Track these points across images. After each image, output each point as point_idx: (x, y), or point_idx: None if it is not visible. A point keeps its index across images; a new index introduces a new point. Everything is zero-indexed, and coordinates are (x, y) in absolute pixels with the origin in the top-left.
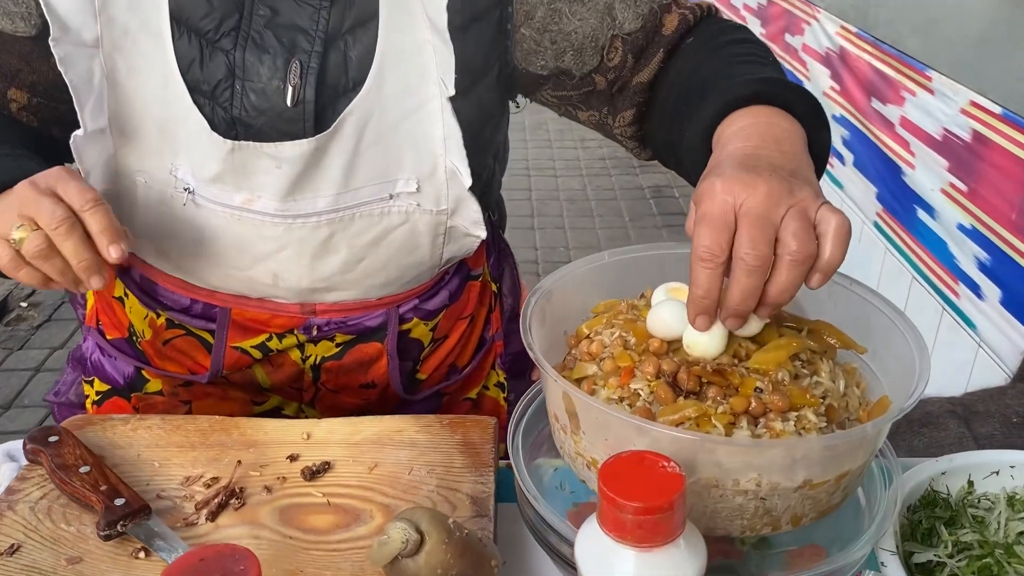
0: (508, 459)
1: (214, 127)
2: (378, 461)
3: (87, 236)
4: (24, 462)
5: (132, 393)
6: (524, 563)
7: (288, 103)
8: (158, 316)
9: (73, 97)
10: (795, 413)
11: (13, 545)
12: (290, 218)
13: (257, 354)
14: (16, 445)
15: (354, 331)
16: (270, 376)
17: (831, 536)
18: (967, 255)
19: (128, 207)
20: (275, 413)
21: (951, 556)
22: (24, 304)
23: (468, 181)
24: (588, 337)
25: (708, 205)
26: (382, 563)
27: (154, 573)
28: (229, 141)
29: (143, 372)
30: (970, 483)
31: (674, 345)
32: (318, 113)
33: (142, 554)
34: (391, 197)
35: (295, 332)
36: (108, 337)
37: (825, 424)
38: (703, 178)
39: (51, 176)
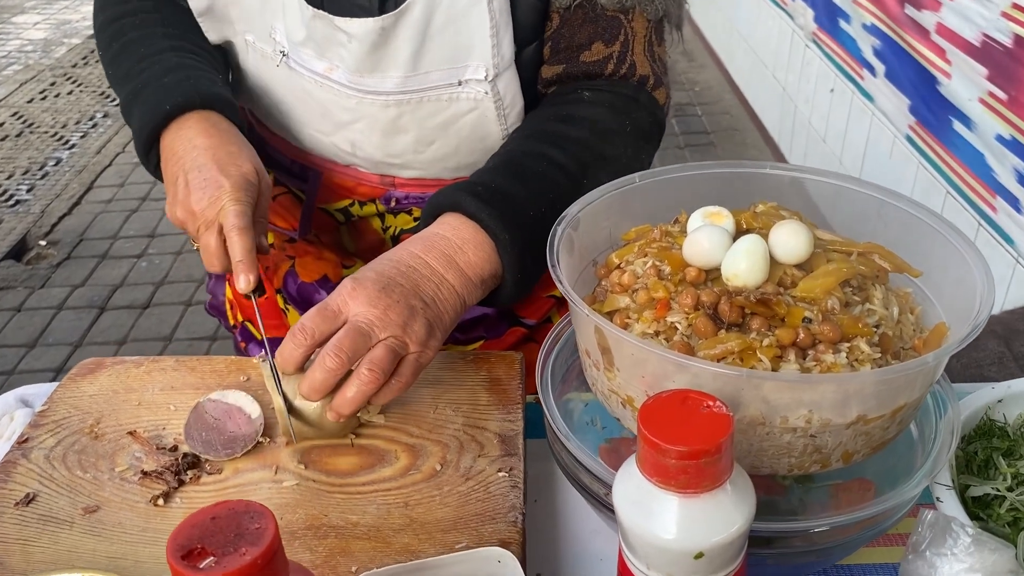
0: (537, 393)
1: None
2: (402, 400)
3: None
4: (37, 407)
5: None
6: (555, 501)
7: None
8: (268, 172)
9: None
10: (847, 344)
11: (29, 495)
12: (361, 93)
13: (340, 217)
14: (30, 390)
15: None
16: (355, 241)
17: (880, 469)
18: (1006, 167)
19: (240, 63)
20: None
21: (1010, 489)
22: (43, 243)
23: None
24: (619, 267)
25: (330, 297)
26: None
27: (173, 520)
28: (311, 9)
29: None
30: None
31: (712, 274)
32: None
33: (161, 500)
34: (460, 84)
35: (376, 202)
36: None
37: (879, 355)
38: (352, 276)
39: (217, 201)
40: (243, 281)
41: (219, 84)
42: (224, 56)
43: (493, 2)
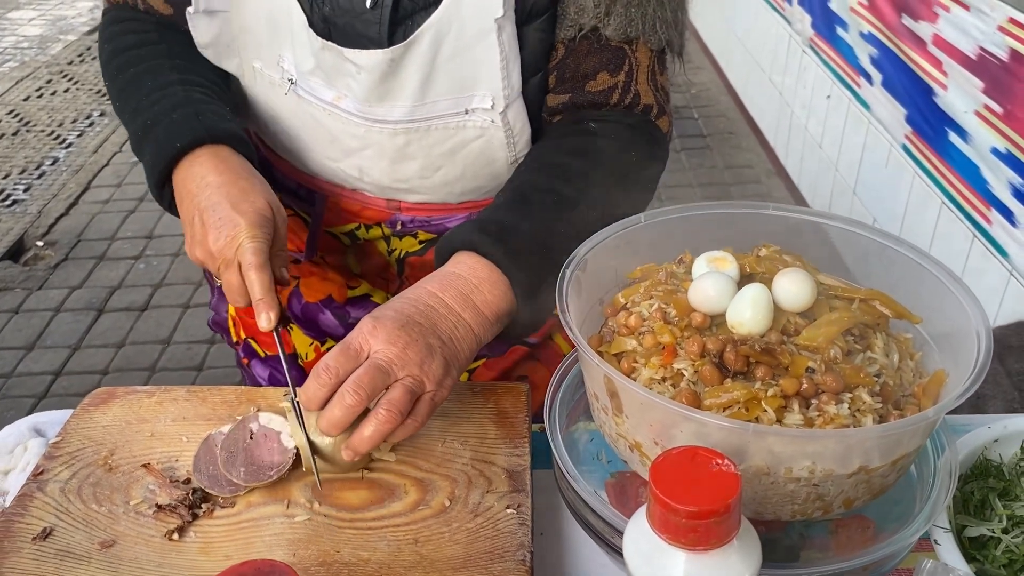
0: (543, 422)
1: (312, 24)
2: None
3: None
4: (50, 436)
5: None
6: (561, 534)
7: (367, 4)
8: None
9: None
10: (849, 394)
11: (46, 529)
12: (370, 121)
13: (346, 240)
14: (42, 418)
15: (436, 230)
16: (360, 263)
17: (879, 507)
18: (1000, 180)
19: (247, 89)
20: (365, 300)
21: (1006, 531)
22: (40, 243)
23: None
24: (625, 308)
25: (351, 335)
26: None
27: (187, 555)
28: (319, 39)
29: None
30: (1023, 449)
31: (718, 319)
32: (396, 23)
33: (176, 535)
34: (467, 112)
35: (381, 225)
36: None
37: (880, 404)
38: (371, 315)
39: (234, 240)
40: (264, 319)
41: (228, 117)
42: (230, 83)
43: (502, 35)
